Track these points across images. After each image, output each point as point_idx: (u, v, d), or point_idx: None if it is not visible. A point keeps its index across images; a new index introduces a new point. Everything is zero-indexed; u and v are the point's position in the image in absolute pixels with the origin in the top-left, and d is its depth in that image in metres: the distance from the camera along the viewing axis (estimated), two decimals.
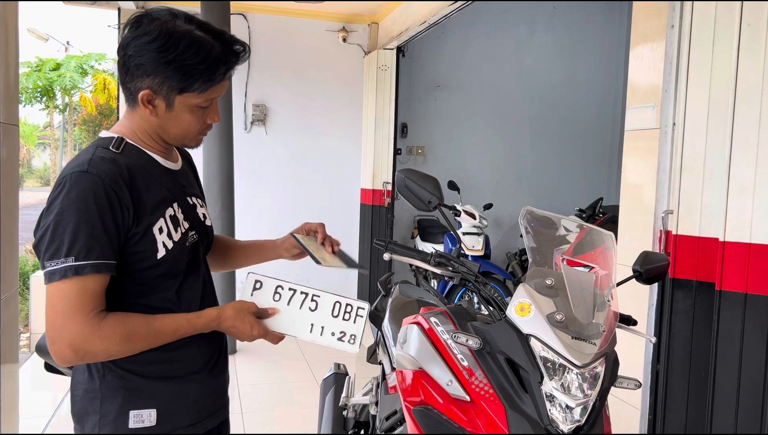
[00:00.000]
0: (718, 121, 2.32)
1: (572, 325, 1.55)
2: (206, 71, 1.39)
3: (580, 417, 1.50)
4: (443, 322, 1.78)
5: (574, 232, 1.89)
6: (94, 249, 1.30)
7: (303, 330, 1.54)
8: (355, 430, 2.63)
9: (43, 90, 18.35)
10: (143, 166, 1.43)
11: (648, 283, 1.92)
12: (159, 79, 1.38)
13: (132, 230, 1.36)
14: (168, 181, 1.49)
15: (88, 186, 1.31)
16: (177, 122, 1.44)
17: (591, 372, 1.52)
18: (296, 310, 1.53)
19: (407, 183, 1.86)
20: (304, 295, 1.54)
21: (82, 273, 1.29)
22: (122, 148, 1.41)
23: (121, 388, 1.40)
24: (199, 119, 1.46)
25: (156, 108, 1.42)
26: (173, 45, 1.36)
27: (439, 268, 1.84)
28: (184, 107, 1.42)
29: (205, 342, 1.51)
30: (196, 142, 1.52)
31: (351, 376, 2.84)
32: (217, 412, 1.56)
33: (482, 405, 1.57)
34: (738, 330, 2.21)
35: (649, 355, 2.60)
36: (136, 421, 1.40)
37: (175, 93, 1.40)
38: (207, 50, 1.39)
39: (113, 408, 1.39)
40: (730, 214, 2.23)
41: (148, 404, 1.41)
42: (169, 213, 1.44)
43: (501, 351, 1.58)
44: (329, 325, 1.54)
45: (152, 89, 1.39)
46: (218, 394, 1.58)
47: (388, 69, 6.63)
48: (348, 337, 1.55)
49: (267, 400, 4.46)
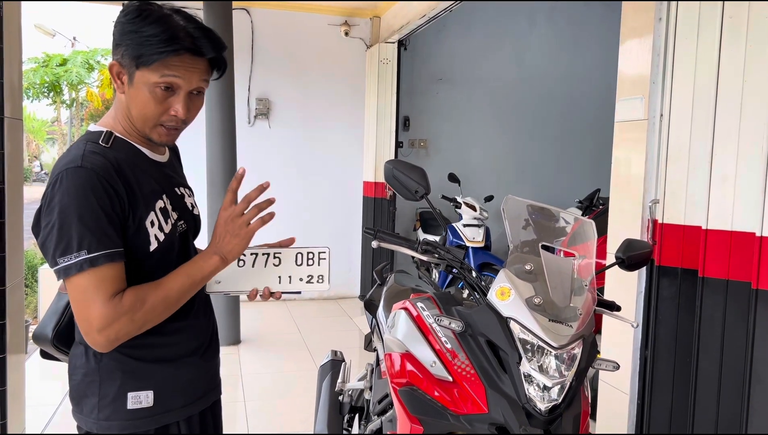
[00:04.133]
0: (702, 112, 2.37)
1: (550, 309, 1.61)
2: (158, 43, 1.37)
3: (557, 396, 1.57)
4: (429, 307, 1.85)
5: (557, 220, 1.95)
6: (103, 239, 1.34)
7: (273, 282, 1.59)
8: (350, 414, 2.70)
9: (51, 85, 18.45)
10: (132, 159, 1.46)
11: (630, 269, 1.98)
12: (122, 48, 1.40)
13: (127, 222, 1.40)
14: (156, 173, 1.52)
15: (85, 180, 1.33)
16: (136, 101, 1.43)
17: (568, 353, 1.59)
18: (262, 269, 1.59)
19: (395, 173, 1.92)
20: (266, 255, 1.60)
21: (97, 264, 1.33)
22: (111, 142, 1.44)
23: (119, 371, 1.44)
24: (159, 103, 1.42)
25: (123, 84, 1.43)
26: (141, 18, 1.39)
27: (425, 255, 1.90)
28: (141, 84, 1.41)
29: (197, 328, 1.58)
30: (157, 135, 1.48)
31: (347, 362, 2.91)
32: (209, 393, 1.62)
33: (464, 385, 1.63)
34: (720, 315, 2.27)
35: (638, 341, 2.66)
36: (134, 402, 1.44)
37: (134, 65, 1.39)
38: (167, 25, 1.39)
39: (111, 390, 1.44)
40: (713, 202, 2.29)
41: (145, 386, 1.45)
42: (159, 205, 1.48)
43: (482, 333, 1.65)
44: (296, 273, 1.61)
45: (118, 61, 1.42)
46: (210, 376, 1.64)
47: (390, 62, 6.69)
48: (316, 278, 1.61)
49: (269, 388, 4.54)
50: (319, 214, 7.10)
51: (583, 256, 1.80)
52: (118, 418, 1.44)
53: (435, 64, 7.27)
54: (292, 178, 7.00)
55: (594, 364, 1.72)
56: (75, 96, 19.86)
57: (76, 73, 17.93)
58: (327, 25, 6.94)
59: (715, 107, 2.29)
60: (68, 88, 19.24)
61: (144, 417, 1.45)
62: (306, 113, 6.99)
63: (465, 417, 1.60)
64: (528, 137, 7.50)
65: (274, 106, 6.90)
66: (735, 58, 2.23)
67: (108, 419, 1.44)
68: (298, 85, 6.92)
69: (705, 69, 2.35)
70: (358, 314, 6.43)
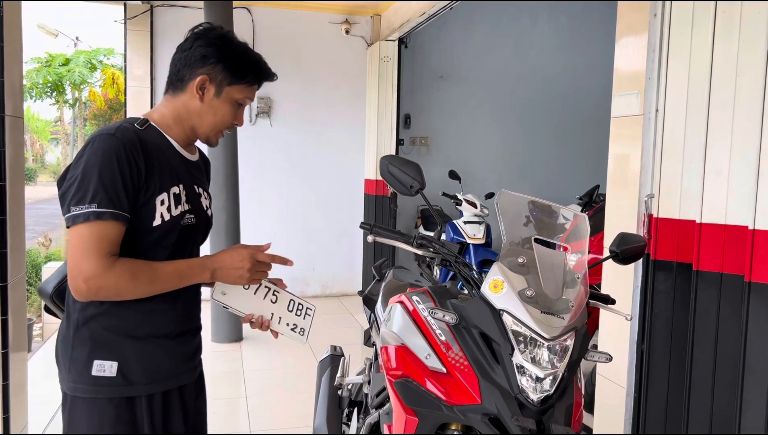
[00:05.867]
0: (696, 107, 2.38)
1: (542, 301, 1.64)
2: (256, 71, 1.73)
3: (550, 387, 1.59)
4: (424, 300, 1.87)
5: (557, 217, 1.97)
6: (114, 200, 1.49)
7: (266, 315, 1.77)
8: (349, 408, 2.72)
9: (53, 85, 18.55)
10: (160, 146, 1.63)
11: (624, 263, 1.99)
12: (219, 67, 1.66)
13: (140, 193, 1.55)
14: (180, 166, 1.68)
15: (113, 146, 1.51)
16: (216, 111, 1.69)
17: (561, 345, 1.61)
18: (261, 299, 1.77)
19: (390, 169, 1.94)
20: (267, 289, 1.78)
21: (103, 218, 1.48)
22: (145, 127, 1.62)
23: (90, 339, 1.58)
24: (232, 115, 1.73)
25: (205, 94, 1.67)
26: (235, 44, 1.71)
27: (420, 249, 1.93)
28: (228, 98, 1.69)
29: (174, 314, 1.68)
30: (217, 139, 1.76)
31: (346, 357, 2.94)
32: (178, 376, 1.70)
33: (458, 376, 1.66)
34: (714, 308, 2.29)
35: (634, 335, 2.68)
36: (98, 370, 1.57)
37: (227, 83, 1.67)
38: (255, 56, 1.75)
39: (81, 356, 1.57)
40: (707, 196, 2.30)
41: (111, 357, 1.58)
42: (173, 190, 1.62)
43: (475, 325, 1.67)
44: (285, 316, 1.80)
45: (209, 75, 1.66)
46: (182, 359, 1.72)
47: (391, 60, 6.70)
48: (299, 329, 1.83)
49: (270, 384, 4.57)
50: (321, 211, 7.13)
51: (577, 252, 1.82)
52: (83, 382, 1.57)
53: (436, 61, 7.29)
54: (294, 176, 7.03)
55: (587, 356, 1.74)
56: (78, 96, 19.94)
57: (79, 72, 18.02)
58: (328, 24, 6.97)
59: (709, 102, 2.31)
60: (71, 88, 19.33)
61: (105, 385, 1.57)
62: (307, 111, 7.02)
63: (458, 408, 1.62)
64: (529, 134, 7.52)
65: (275, 105, 6.92)
66: (728, 54, 2.24)
67: (75, 382, 1.58)
68: (300, 84, 6.94)
69: (699, 64, 2.37)
70: (359, 311, 6.45)
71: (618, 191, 2.81)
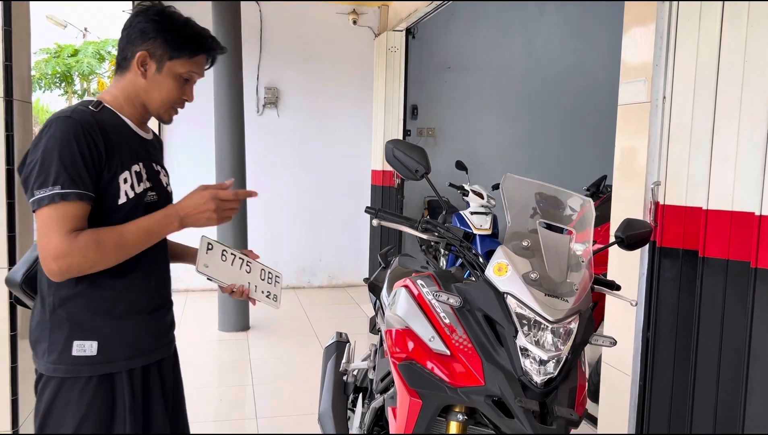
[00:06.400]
0: (703, 94, 2.37)
1: (546, 284, 1.64)
2: (196, 44, 1.71)
3: (553, 370, 1.59)
4: (429, 284, 1.87)
5: (564, 207, 1.96)
6: (77, 180, 1.51)
7: (238, 282, 1.86)
8: (354, 394, 2.74)
9: (62, 76, 18.63)
10: (116, 127, 1.65)
11: (630, 248, 1.99)
12: (157, 42, 1.66)
13: (103, 173, 1.57)
14: (136, 145, 1.71)
15: (71, 128, 1.53)
16: (161, 86, 1.70)
17: (565, 328, 1.61)
18: (238, 269, 1.86)
19: (395, 153, 1.94)
20: (242, 260, 1.88)
21: (68, 199, 1.50)
22: (100, 108, 1.63)
23: (67, 321, 1.60)
24: (179, 90, 1.72)
25: (147, 70, 1.67)
26: (175, 18, 1.70)
27: (425, 233, 1.93)
28: (170, 73, 1.69)
29: (148, 289, 1.73)
30: (168, 116, 1.76)
31: (352, 343, 2.95)
32: (155, 351, 1.75)
33: (461, 358, 1.66)
34: (720, 295, 2.28)
35: (640, 322, 2.68)
36: (79, 350, 1.60)
37: (167, 57, 1.67)
38: (196, 29, 1.73)
39: (60, 338, 1.60)
40: (713, 182, 2.29)
41: (90, 336, 1.61)
42: (134, 169, 1.66)
43: (479, 308, 1.67)
44: (260, 285, 1.91)
45: (148, 51, 1.66)
46: (159, 334, 1.78)
47: (398, 51, 6.69)
48: (272, 296, 1.94)
49: (277, 372, 4.60)
50: (328, 202, 7.14)
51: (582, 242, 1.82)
52: (63, 362, 1.60)
53: (443, 52, 7.26)
54: (301, 167, 7.04)
55: (591, 340, 1.74)
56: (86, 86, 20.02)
57: (87, 63, 18.08)
58: (335, 14, 6.96)
59: (717, 88, 2.30)
60: (79, 79, 19.41)
61: (87, 364, 1.61)
62: (314, 102, 7.02)
63: (462, 389, 1.62)
64: (537, 125, 7.49)
65: (282, 95, 6.92)
66: (736, 40, 2.23)
67: (55, 363, 1.60)
68: (307, 74, 6.94)
69: (707, 51, 2.35)
70: (365, 302, 6.46)
71: (624, 179, 2.80)
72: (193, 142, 6.49)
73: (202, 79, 1.80)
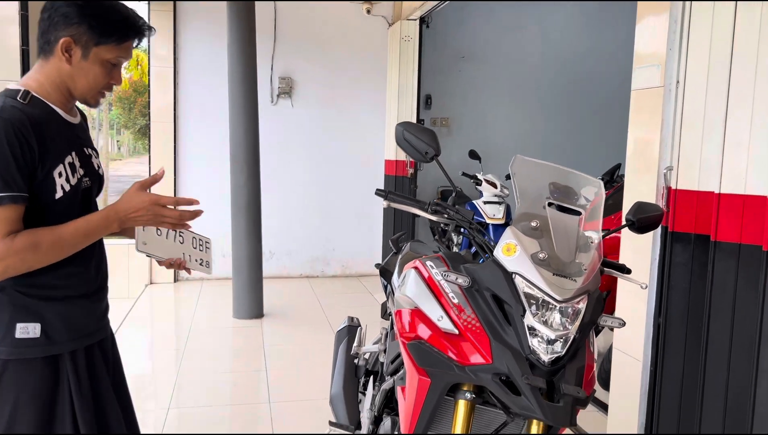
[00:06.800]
0: (717, 78, 2.35)
1: (554, 264, 1.64)
2: (124, 30, 1.67)
3: (561, 349, 1.60)
4: (438, 265, 1.88)
5: (578, 197, 1.95)
6: (10, 183, 1.51)
7: (175, 255, 1.93)
8: (365, 377, 2.76)
9: None
10: (46, 117, 1.63)
11: (640, 232, 1.99)
12: (82, 28, 1.62)
13: (36, 171, 1.57)
14: (68, 132, 1.70)
15: (1, 129, 1.51)
16: (87, 73, 1.67)
17: (573, 308, 1.61)
18: (172, 242, 1.93)
19: (405, 135, 1.94)
20: (175, 232, 1.94)
21: (2, 203, 1.51)
22: (29, 100, 1.61)
23: (10, 304, 1.63)
24: (106, 76, 1.70)
25: (72, 56, 1.63)
26: (98, 3, 1.64)
27: (435, 215, 1.94)
28: (97, 59, 1.66)
29: (88, 275, 1.78)
30: (95, 101, 1.74)
31: (363, 327, 2.97)
32: (95, 332, 1.82)
33: (469, 337, 1.67)
34: (732, 280, 2.27)
35: (651, 308, 2.67)
36: (22, 332, 1.63)
37: (93, 43, 1.63)
38: (124, 14, 1.68)
39: (3, 320, 1.63)
40: (726, 167, 2.28)
41: (33, 319, 1.65)
42: (68, 160, 1.66)
43: (487, 288, 1.68)
44: (193, 253, 1.98)
45: (73, 37, 1.62)
46: (97, 317, 1.84)
47: (412, 40, 6.68)
48: (204, 263, 2.02)
49: (290, 358, 4.64)
50: (341, 191, 7.17)
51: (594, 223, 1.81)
52: (7, 344, 1.63)
53: (457, 41, 7.24)
54: (315, 156, 7.07)
55: (600, 321, 1.74)
56: None
57: None
58: (349, 3, 6.96)
59: (730, 72, 2.28)
60: None
61: (30, 346, 1.64)
62: (328, 92, 7.03)
63: (470, 368, 1.64)
64: (551, 115, 7.45)
65: (296, 85, 6.95)
66: (750, 24, 2.21)
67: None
68: (321, 64, 6.96)
69: (721, 35, 2.34)
70: (378, 291, 6.48)
71: (637, 165, 2.79)
72: (208, 132, 6.54)
73: (217, 69, 1.81)
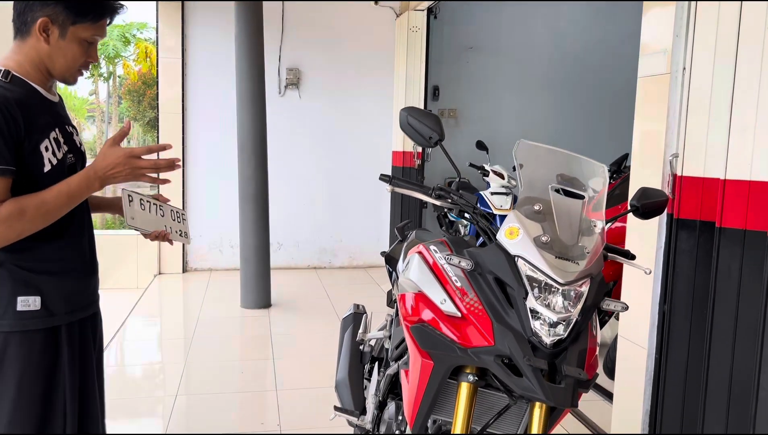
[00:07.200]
0: (723, 63, 2.34)
1: (557, 247, 1.65)
2: (99, 8, 1.73)
3: (563, 332, 1.61)
4: (441, 250, 1.89)
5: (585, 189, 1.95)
6: None
7: (159, 228, 2.02)
8: (371, 364, 2.78)
9: None
10: (28, 95, 1.69)
11: (645, 217, 1.99)
12: (59, 8, 1.66)
13: (23, 144, 1.63)
14: (49, 110, 1.76)
15: None
16: (65, 52, 1.72)
17: (575, 291, 1.62)
18: (154, 215, 2.01)
19: (409, 120, 1.95)
20: (156, 206, 2.03)
21: None
22: (10, 78, 1.66)
23: (10, 279, 1.70)
24: (83, 54, 1.75)
25: (49, 36, 1.68)
26: None
27: (439, 200, 1.95)
28: (74, 38, 1.71)
29: (80, 248, 1.86)
30: (73, 79, 1.80)
31: (369, 314, 2.99)
32: (89, 305, 1.91)
33: (472, 320, 1.68)
34: (737, 266, 2.27)
35: (656, 295, 2.67)
36: (23, 305, 1.70)
37: (70, 22, 1.69)
38: None
39: (3, 295, 1.69)
40: (732, 153, 2.27)
41: (33, 292, 1.71)
42: (52, 135, 1.72)
43: (490, 271, 1.69)
44: (173, 226, 2.07)
45: (50, 17, 1.67)
46: (90, 290, 1.92)
47: (419, 31, 6.67)
48: (183, 233, 2.12)
49: (297, 347, 4.67)
50: (348, 183, 7.18)
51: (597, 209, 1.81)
52: (8, 317, 1.70)
53: (465, 32, 7.22)
54: (322, 148, 7.08)
55: (602, 304, 1.75)
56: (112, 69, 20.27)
57: (113, 46, 18.29)
58: None
59: (736, 58, 2.27)
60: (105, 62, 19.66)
61: (31, 318, 1.72)
62: (336, 83, 7.04)
63: (473, 350, 1.65)
64: (558, 106, 7.43)
65: (304, 76, 6.95)
66: (757, 9, 2.20)
67: (0, 318, 1.69)
68: (328, 55, 6.96)
69: (727, 21, 2.32)
70: (385, 282, 6.49)
71: (643, 152, 2.79)
72: (216, 123, 6.56)
73: (225, 61, 1.85)
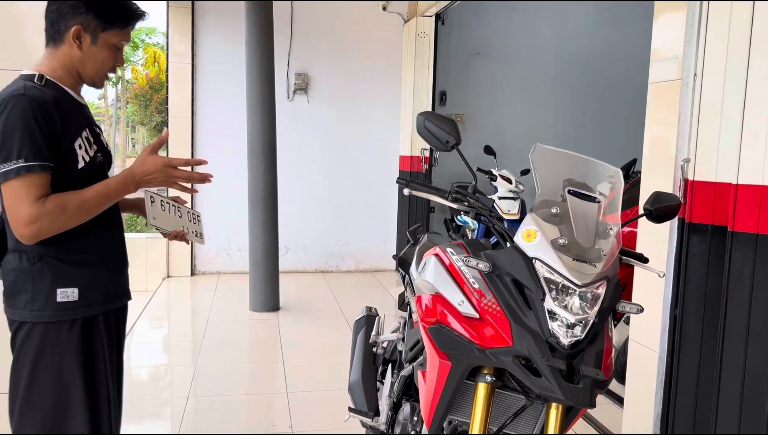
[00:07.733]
0: (735, 69, 2.36)
1: (574, 249, 1.67)
2: (127, 15, 1.88)
3: (580, 333, 1.63)
4: (458, 252, 1.92)
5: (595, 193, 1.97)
6: (39, 153, 1.68)
7: (177, 228, 2.11)
8: (383, 366, 2.80)
9: None
10: (62, 97, 1.81)
11: (658, 221, 2.01)
12: (90, 16, 1.80)
13: (60, 142, 1.74)
14: (80, 112, 1.89)
15: (27, 104, 1.68)
16: (95, 57, 1.86)
17: (592, 293, 1.64)
18: (173, 216, 2.11)
19: (426, 125, 1.98)
20: (175, 207, 2.13)
21: (33, 171, 1.67)
22: (45, 82, 1.79)
23: (49, 272, 1.80)
24: (112, 58, 1.90)
25: (82, 43, 1.82)
26: None
27: (456, 203, 1.98)
28: (104, 44, 1.85)
29: (111, 242, 1.98)
30: (101, 82, 1.94)
31: (381, 316, 3.01)
32: (120, 297, 2.02)
33: (490, 321, 1.70)
34: (749, 270, 2.28)
35: (668, 299, 2.69)
36: (63, 297, 1.81)
37: (100, 29, 1.83)
38: (124, 1, 1.90)
39: (43, 287, 1.80)
40: (744, 157, 2.29)
41: (71, 284, 1.82)
42: (84, 135, 1.84)
43: (508, 273, 1.71)
44: (190, 227, 2.17)
45: (82, 25, 1.81)
46: (122, 282, 2.03)
47: (427, 36, 6.71)
48: (198, 234, 2.22)
49: (305, 350, 4.69)
50: (356, 187, 7.21)
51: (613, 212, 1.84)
52: (49, 308, 1.80)
53: (473, 38, 7.25)
54: (330, 152, 7.12)
55: (618, 306, 1.77)
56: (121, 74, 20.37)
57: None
58: (365, 0, 6.99)
59: (748, 64, 2.29)
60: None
61: (70, 308, 1.82)
62: (344, 88, 7.08)
63: (491, 351, 1.67)
64: (565, 111, 7.44)
65: (312, 82, 7.00)
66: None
67: (41, 310, 1.80)
68: (337, 60, 7.01)
69: (739, 26, 2.35)
70: (393, 286, 6.53)
71: (655, 158, 2.81)
72: (225, 128, 6.61)
73: (234, 66, 1.95)
